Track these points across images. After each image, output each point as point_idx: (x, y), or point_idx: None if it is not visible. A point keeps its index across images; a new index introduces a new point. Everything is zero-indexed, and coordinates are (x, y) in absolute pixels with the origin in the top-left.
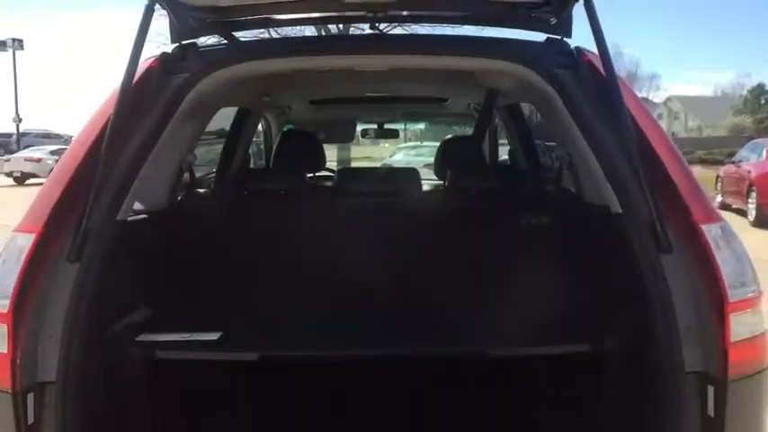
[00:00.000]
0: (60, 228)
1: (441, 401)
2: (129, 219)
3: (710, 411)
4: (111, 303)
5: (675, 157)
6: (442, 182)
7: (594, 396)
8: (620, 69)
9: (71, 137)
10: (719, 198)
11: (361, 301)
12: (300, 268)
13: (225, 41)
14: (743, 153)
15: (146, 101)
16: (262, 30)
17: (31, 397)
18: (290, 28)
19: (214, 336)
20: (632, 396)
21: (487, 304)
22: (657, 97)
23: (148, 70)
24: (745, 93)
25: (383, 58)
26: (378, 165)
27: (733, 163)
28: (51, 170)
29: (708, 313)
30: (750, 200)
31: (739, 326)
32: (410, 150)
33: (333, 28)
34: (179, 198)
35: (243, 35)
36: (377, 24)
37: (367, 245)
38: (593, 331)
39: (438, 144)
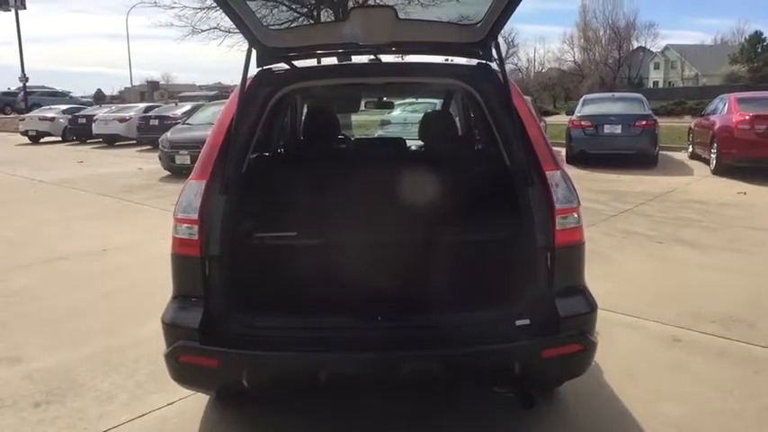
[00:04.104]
0: (215, 176)
1: (422, 261)
2: (246, 170)
3: (549, 264)
4: (241, 215)
5: (539, 131)
6: (422, 142)
7: (494, 258)
8: (620, 19)
9: (69, 93)
10: (690, 149)
11: (374, 212)
12: (340, 196)
13: (288, 67)
14: (711, 106)
15: (250, 103)
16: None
17: (206, 262)
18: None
19: (294, 233)
20: (512, 257)
21: (445, 211)
22: (655, 46)
23: (250, 85)
24: (743, 40)
25: (381, 78)
26: (380, 119)
27: (702, 116)
28: (64, 128)
29: (547, 216)
30: (713, 150)
31: (562, 222)
32: (407, 107)
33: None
34: (253, 157)
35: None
36: (377, 55)
37: (377, 182)
38: (493, 227)
39: (431, 100)
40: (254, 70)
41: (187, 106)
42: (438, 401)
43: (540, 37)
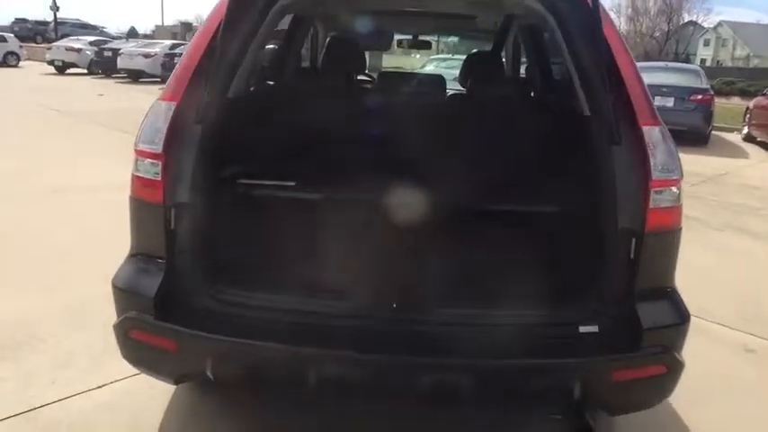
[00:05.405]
0: (189, 99)
1: (456, 236)
2: (233, 97)
3: (632, 255)
4: (222, 154)
5: (635, 75)
6: (463, 89)
7: (555, 239)
8: None
9: (103, 28)
10: (745, 130)
11: (398, 166)
12: (356, 142)
13: None
14: None
15: (243, 8)
16: None
17: (172, 211)
18: None
19: (291, 183)
20: (580, 241)
21: (492, 173)
22: (707, 22)
23: None
24: None
25: None
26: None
27: (764, 95)
28: (90, 61)
29: (637, 189)
30: None
31: (656, 198)
32: (441, 62)
33: None
34: (251, 88)
35: None
36: None
37: (405, 129)
38: (556, 197)
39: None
40: None
41: None
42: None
43: None
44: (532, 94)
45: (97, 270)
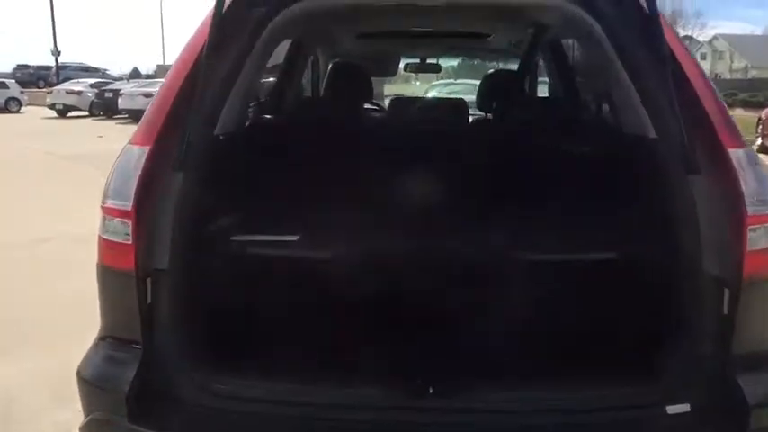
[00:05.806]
0: (167, 142)
1: (496, 295)
2: (221, 135)
3: (725, 310)
4: (209, 207)
5: (708, 87)
6: (483, 114)
7: (623, 295)
8: (665, 6)
9: (106, 71)
10: (759, 141)
11: (421, 212)
12: (368, 185)
13: None
14: None
15: (233, 29)
16: None
17: (149, 281)
18: None
19: (294, 237)
20: (654, 295)
21: (536, 218)
22: (702, 36)
23: (234, 2)
24: None
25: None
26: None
27: None
28: (91, 102)
29: (728, 227)
30: None
31: (756, 238)
32: (443, 88)
33: None
34: (246, 124)
35: None
36: None
37: (426, 166)
38: (624, 241)
39: (472, 81)
40: None
41: None
42: None
43: None
44: (572, 117)
45: (87, 331)
